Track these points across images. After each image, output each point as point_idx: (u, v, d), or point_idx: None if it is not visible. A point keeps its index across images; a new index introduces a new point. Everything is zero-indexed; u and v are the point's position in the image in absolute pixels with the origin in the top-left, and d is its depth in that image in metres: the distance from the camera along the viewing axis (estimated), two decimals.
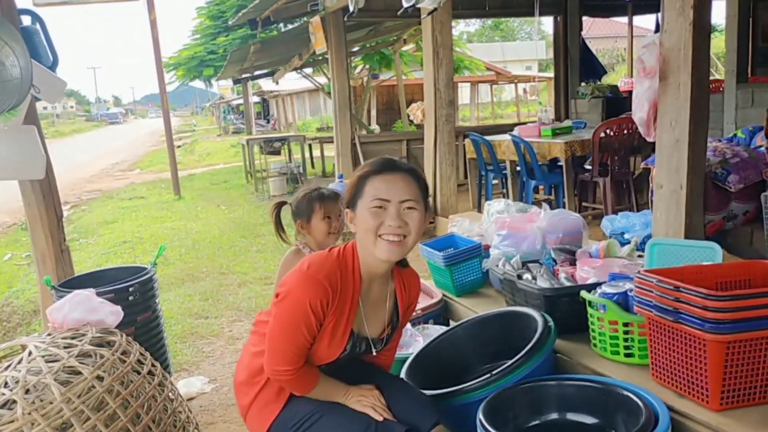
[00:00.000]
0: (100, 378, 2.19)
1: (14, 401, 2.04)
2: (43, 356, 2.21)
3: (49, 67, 3.22)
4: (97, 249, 7.67)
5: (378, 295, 2.03)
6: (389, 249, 1.84)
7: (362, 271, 1.93)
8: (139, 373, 2.35)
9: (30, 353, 2.24)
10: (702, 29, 2.65)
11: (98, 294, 2.70)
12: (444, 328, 2.97)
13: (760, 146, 4.05)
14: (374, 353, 2.07)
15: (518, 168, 6.40)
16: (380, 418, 1.92)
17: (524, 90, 28.74)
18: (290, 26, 10.45)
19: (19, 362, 2.20)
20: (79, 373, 2.17)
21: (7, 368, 2.18)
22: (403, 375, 2.48)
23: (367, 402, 1.97)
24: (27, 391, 2.10)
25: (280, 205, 2.77)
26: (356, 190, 1.90)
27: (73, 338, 2.36)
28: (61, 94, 3.24)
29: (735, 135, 4.73)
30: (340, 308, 1.89)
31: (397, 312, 2.09)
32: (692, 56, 2.64)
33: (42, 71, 3.14)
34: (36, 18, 3.35)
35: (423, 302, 3.45)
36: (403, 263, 2.07)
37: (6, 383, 2.12)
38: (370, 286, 1.99)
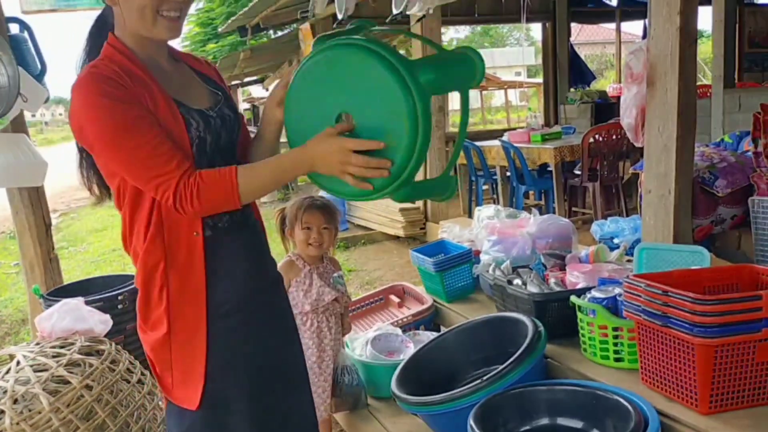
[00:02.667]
0: (89, 387, 2.19)
1: (2, 411, 2.03)
2: (31, 366, 2.20)
3: (38, 75, 3.21)
4: (87, 257, 7.63)
5: (175, 72, 1.73)
6: (168, 26, 1.59)
7: (140, 57, 1.63)
8: (128, 382, 2.35)
9: (18, 363, 2.23)
10: (689, 35, 2.67)
11: (87, 303, 2.70)
12: (435, 334, 2.97)
13: (747, 151, 4.07)
14: (218, 119, 1.70)
15: (508, 173, 6.42)
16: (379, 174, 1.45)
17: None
18: (280, 33, 10.45)
19: (7, 372, 2.19)
20: (68, 382, 2.17)
21: None
22: (394, 381, 2.49)
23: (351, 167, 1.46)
24: (15, 401, 2.09)
25: (282, 211, 2.73)
26: None
27: (61, 347, 2.35)
28: (41, 102, 3.22)
29: (722, 140, 4.76)
30: (142, 87, 1.58)
31: (211, 81, 1.80)
32: (679, 62, 2.66)
33: (25, 79, 3.13)
34: (24, 26, 3.34)
35: (413, 308, 3.46)
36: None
37: None
38: (159, 66, 1.69)
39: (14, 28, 3.35)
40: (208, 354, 1.65)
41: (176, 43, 1.81)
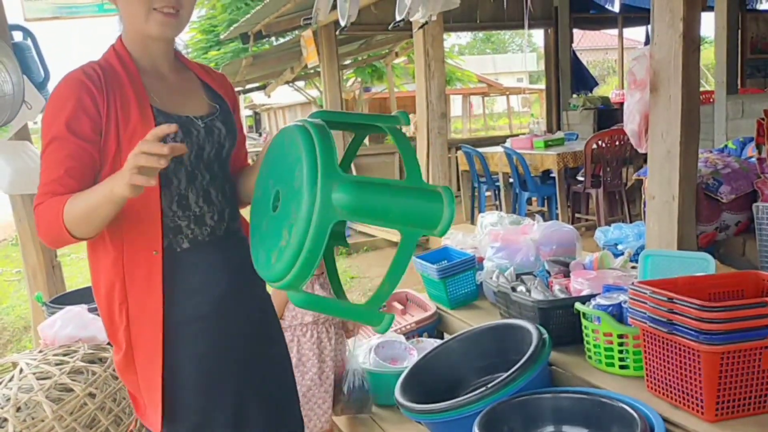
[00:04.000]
0: (92, 395, 2.18)
1: (5, 419, 2.02)
2: (34, 373, 2.20)
3: (41, 82, 3.22)
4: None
5: (176, 79, 1.73)
6: (161, 21, 1.57)
7: (136, 59, 1.64)
8: None
9: (21, 370, 2.22)
10: (691, 41, 2.67)
11: (90, 310, 2.69)
12: (438, 342, 2.96)
13: (751, 157, 4.07)
14: (203, 130, 1.68)
15: (511, 180, 6.42)
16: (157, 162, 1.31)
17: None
18: (282, 40, 10.47)
19: (11, 380, 2.19)
20: (71, 390, 2.16)
21: None
22: (397, 389, 2.47)
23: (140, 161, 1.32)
24: (18, 409, 2.08)
25: None
26: None
27: (64, 355, 2.34)
28: (39, 111, 3.23)
29: (726, 146, 4.76)
30: (117, 88, 1.57)
31: (215, 93, 1.79)
32: (682, 68, 2.66)
33: (26, 86, 3.14)
34: (27, 34, 3.35)
35: (417, 315, 3.45)
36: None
37: None
38: (158, 71, 1.69)
39: (17, 36, 3.36)
40: (164, 376, 1.59)
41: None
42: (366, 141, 16.06)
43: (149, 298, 1.58)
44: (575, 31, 10.34)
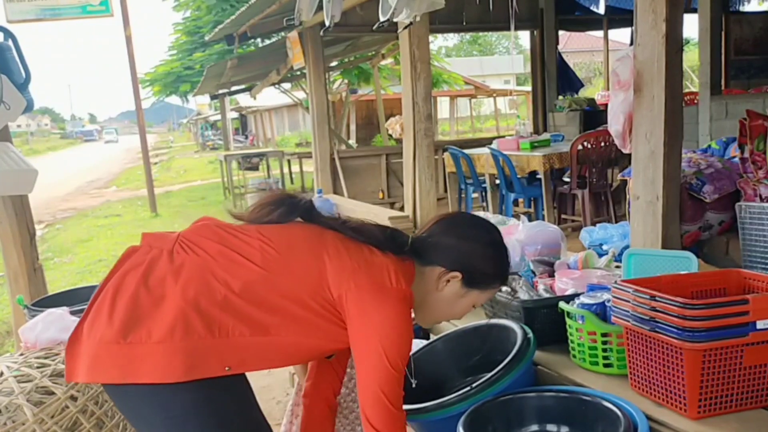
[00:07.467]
0: (73, 398, 2.16)
1: None
2: (15, 377, 2.17)
3: (22, 84, 3.18)
4: (72, 268, 7.58)
5: None
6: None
7: None
8: None
9: (2, 374, 2.19)
10: (674, 42, 2.69)
11: (72, 312, 2.66)
12: (424, 342, 2.95)
13: (734, 157, 4.09)
14: None
15: (497, 181, 6.43)
16: None
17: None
18: (267, 41, 10.44)
19: None
20: (53, 393, 2.14)
21: None
22: None
23: None
24: None
25: None
26: (488, 278, 1.88)
27: (46, 358, 2.32)
28: (20, 112, 3.19)
29: (709, 146, 4.79)
30: None
31: None
32: (665, 69, 2.67)
33: (7, 87, 3.10)
34: (9, 35, 3.31)
35: None
36: None
37: None
38: None
39: None
40: None
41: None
42: (353, 143, 16.02)
43: None
44: (561, 33, 10.37)
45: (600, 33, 11.84)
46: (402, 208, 6.86)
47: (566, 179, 6.17)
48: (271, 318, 1.58)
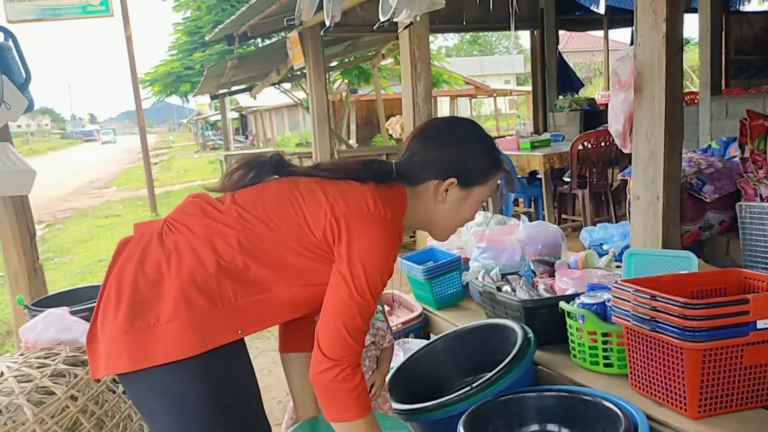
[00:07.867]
0: (74, 398, 2.16)
1: None
2: (15, 377, 2.17)
3: (22, 84, 3.18)
4: (72, 268, 7.58)
5: None
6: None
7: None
8: (114, 392, 2.32)
9: (2, 374, 2.19)
10: (675, 42, 2.69)
11: (72, 312, 2.66)
12: (424, 342, 2.96)
13: (734, 156, 4.09)
14: None
15: (497, 181, 6.42)
16: None
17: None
18: (267, 41, 10.43)
19: None
20: (53, 393, 2.14)
21: None
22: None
23: None
24: None
25: None
26: (483, 170, 1.82)
27: (46, 358, 2.32)
28: (21, 112, 3.19)
29: (710, 146, 4.78)
30: None
31: None
32: (666, 69, 2.67)
33: (8, 87, 3.10)
34: (9, 35, 3.31)
35: (403, 316, 3.44)
36: None
37: None
38: None
39: None
40: None
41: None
42: (354, 143, 15.99)
43: None
44: (561, 32, 10.36)
45: (600, 33, 11.82)
46: None
47: (566, 179, 6.17)
48: (268, 274, 1.60)
